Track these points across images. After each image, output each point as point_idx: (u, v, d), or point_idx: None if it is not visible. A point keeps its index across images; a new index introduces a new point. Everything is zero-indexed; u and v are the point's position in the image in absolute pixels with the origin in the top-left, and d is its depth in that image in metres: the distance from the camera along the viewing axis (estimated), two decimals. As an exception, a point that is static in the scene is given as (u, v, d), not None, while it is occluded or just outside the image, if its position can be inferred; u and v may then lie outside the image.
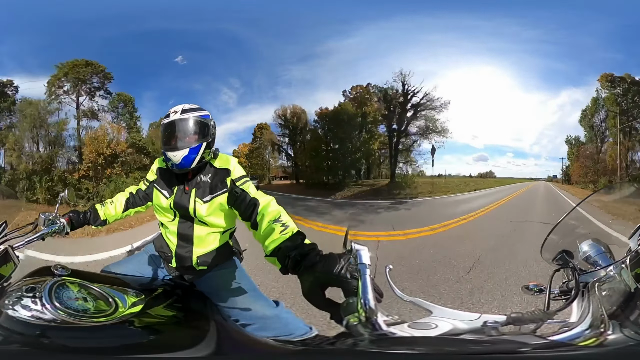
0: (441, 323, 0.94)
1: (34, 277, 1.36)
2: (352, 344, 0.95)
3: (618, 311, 1.05)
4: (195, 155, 1.67)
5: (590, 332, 0.95)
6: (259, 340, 1.53)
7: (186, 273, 1.81)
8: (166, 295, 1.60)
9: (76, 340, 1.20)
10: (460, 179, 14.09)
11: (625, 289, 1.08)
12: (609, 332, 0.95)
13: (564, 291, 1.24)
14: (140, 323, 1.34)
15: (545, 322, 0.95)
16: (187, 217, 1.73)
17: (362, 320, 0.91)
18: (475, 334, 0.90)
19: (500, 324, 0.91)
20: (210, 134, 1.73)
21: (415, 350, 0.87)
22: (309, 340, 1.62)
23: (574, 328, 0.97)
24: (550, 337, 0.93)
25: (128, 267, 1.80)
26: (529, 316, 0.96)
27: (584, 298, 1.14)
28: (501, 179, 14.16)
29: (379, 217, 9.92)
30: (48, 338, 1.18)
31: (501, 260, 5.05)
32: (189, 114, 1.71)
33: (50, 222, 1.70)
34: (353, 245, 1.05)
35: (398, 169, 13.20)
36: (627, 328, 0.97)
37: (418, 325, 0.94)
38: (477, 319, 0.93)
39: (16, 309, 1.19)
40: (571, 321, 1.01)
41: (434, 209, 11.09)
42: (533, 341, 0.90)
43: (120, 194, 2.00)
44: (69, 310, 1.22)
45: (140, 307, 1.37)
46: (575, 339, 0.93)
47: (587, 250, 1.31)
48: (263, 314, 1.64)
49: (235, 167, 1.72)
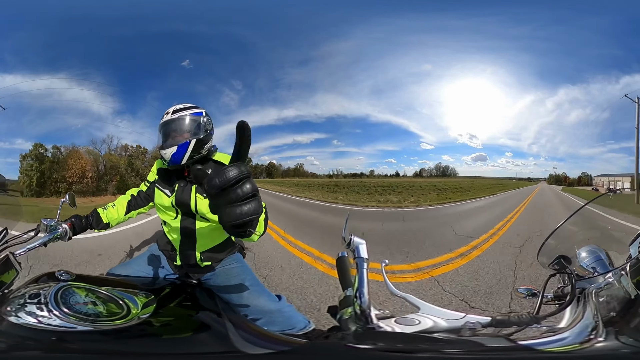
0: (424, 320, 0.94)
1: (37, 283, 1.35)
2: (342, 338, 0.96)
3: (616, 318, 1.03)
4: (184, 151, 1.69)
5: (579, 338, 0.93)
6: (272, 335, 1.53)
7: (191, 270, 1.83)
8: (175, 294, 1.61)
9: (95, 343, 1.19)
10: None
11: (624, 296, 1.06)
12: (600, 338, 0.93)
13: (557, 296, 1.22)
14: (158, 323, 1.34)
15: (530, 326, 0.93)
16: (189, 213, 1.75)
17: (358, 313, 0.93)
18: (451, 333, 0.90)
19: (481, 325, 0.90)
20: (202, 130, 1.75)
21: (389, 345, 0.88)
22: (309, 333, 1.64)
23: (560, 333, 0.95)
24: (528, 341, 0.92)
25: (133, 269, 1.82)
26: (515, 319, 0.95)
27: (579, 304, 1.11)
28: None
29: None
30: (59, 343, 1.16)
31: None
32: (179, 113, 1.76)
33: (52, 228, 1.68)
34: (352, 238, 1.05)
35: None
36: (624, 335, 0.95)
37: (403, 321, 0.95)
38: (460, 318, 0.93)
39: (20, 315, 1.17)
40: (559, 326, 0.99)
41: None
42: (504, 344, 0.89)
43: (122, 196, 2.03)
44: (79, 315, 1.20)
45: (152, 308, 1.36)
46: (558, 342, 0.91)
47: (586, 257, 1.29)
48: (269, 308, 1.67)
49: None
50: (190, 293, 1.68)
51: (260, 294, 1.73)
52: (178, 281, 1.80)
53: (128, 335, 1.24)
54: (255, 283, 1.78)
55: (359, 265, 1.00)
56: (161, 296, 1.49)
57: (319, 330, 1.69)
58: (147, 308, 1.35)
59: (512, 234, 7.02)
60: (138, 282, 1.65)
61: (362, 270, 0.98)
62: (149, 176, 1.97)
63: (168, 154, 1.70)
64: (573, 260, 1.28)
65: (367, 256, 1.02)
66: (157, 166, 1.93)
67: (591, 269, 1.25)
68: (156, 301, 1.41)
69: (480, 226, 7.99)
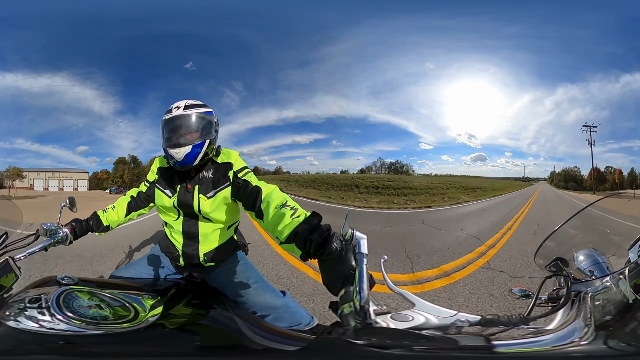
0: (417, 316, 0.96)
1: (38, 287, 1.34)
2: (343, 333, 0.97)
3: (611, 322, 1.03)
4: (198, 152, 1.63)
5: (560, 340, 0.93)
6: (282, 331, 1.52)
7: (194, 270, 1.81)
8: (182, 295, 1.59)
9: (105, 346, 1.17)
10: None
11: (622, 300, 1.06)
12: (584, 341, 0.94)
13: (552, 298, 1.22)
14: (171, 325, 1.33)
15: (518, 327, 0.94)
16: (192, 214, 1.71)
17: (357, 309, 0.94)
18: (438, 331, 0.92)
19: (469, 323, 0.91)
20: (213, 130, 1.70)
21: (382, 341, 0.90)
22: (314, 329, 1.64)
23: (544, 335, 0.95)
24: (506, 341, 0.92)
25: (136, 270, 1.80)
26: (504, 319, 0.95)
27: (573, 307, 1.11)
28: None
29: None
30: (70, 346, 1.15)
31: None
32: (192, 109, 1.67)
33: (53, 232, 1.66)
34: (354, 233, 1.05)
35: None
36: (615, 339, 0.95)
37: (398, 317, 0.96)
38: (451, 316, 0.94)
39: (19, 319, 1.15)
40: (547, 328, 0.99)
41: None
42: (481, 342, 0.90)
43: (122, 198, 1.97)
44: (85, 319, 1.19)
45: (160, 309, 1.35)
46: (534, 344, 0.92)
47: (583, 260, 1.28)
48: (274, 304, 1.65)
49: (237, 160, 1.71)
50: (196, 292, 1.67)
51: (265, 290, 1.70)
52: (183, 281, 1.79)
53: (139, 337, 1.22)
54: (260, 280, 1.76)
55: (359, 261, 0.99)
56: (167, 297, 1.48)
57: (322, 326, 1.69)
58: (154, 310, 1.33)
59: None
60: (142, 284, 1.63)
61: (362, 265, 0.98)
62: (149, 176, 1.89)
63: (181, 153, 1.61)
64: (570, 263, 1.28)
65: (367, 252, 1.01)
66: (157, 165, 1.85)
67: (588, 272, 1.25)
68: (163, 302, 1.40)
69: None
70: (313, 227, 1.10)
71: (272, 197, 1.40)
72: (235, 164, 1.69)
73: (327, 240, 1.03)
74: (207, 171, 1.71)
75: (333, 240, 1.02)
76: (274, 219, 1.28)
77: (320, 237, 1.04)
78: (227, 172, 1.68)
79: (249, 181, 1.62)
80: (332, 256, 1.02)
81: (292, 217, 1.20)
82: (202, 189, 1.68)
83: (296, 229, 1.15)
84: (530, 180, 14.62)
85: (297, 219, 1.18)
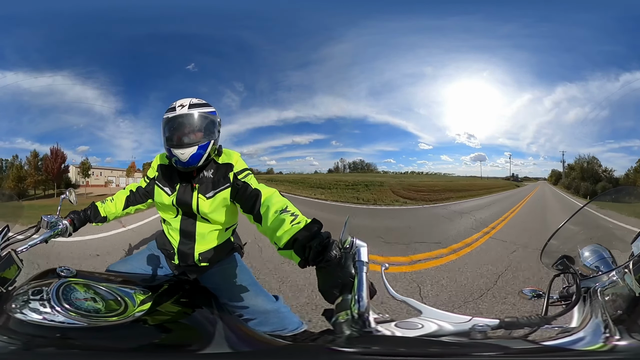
0: (428, 324, 0.92)
1: (39, 279, 1.36)
2: (332, 341, 0.94)
3: (624, 316, 1.02)
4: (203, 154, 1.61)
5: (594, 337, 0.92)
6: (258, 335, 1.53)
7: (189, 270, 1.80)
8: (172, 292, 1.60)
9: (93, 340, 1.20)
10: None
11: (629, 294, 1.06)
12: (616, 337, 0.92)
13: (563, 296, 1.21)
14: (153, 321, 1.35)
15: (541, 327, 0.92)
16: (190, 213, 1.70)
17: (354, 317, 0.90)
18: (459, 337, 0.88)
19: (490, 327, 0.89)
20: (216, 130, 1.68)
21: (388, 349, 0.86)
22: (298, 335, 1.62)
23: (575, 333, 0.93)
24: (545, 342, 0.90)
25: (132, 265, 1.79)
26: (524, 321, 0.93)
27: (586, 303, 1.11)
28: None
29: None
30: (63, 339, 1.18)
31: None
32: (197, 109, 1.64)
33: (53, 225, 1.68)
34: (354, 240, 1.02)
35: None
36: (635, 332, 0.94)
37: (404, 325, 0.92)
38: (467, 321, 0.91)
39: (25, 312, 1.19)
40: (571, 326, 0.98)
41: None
42: (522, 346, 0.88)
43: (121, 191, 1.97)
44: (80, 311, 1.21)
45: (149, 305, 1.37)
46: (576, 343, 0.90)
47: (589, 256, 1.29)
48: (264, 308, 1.64)
49: (238, 161, 1.70)
50: (186, 291, 1.67)
51: (258, 294, 1.68)
52: (175, 279, 1.79)
53: (123, 332, 1.25)
54: (253, 283, 1.74)
55: (359, 269, 0.97)
56: (158, 293, 1.50)
57: (309, 332, 1.67)
58: (143, 305, 1.36)
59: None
60: (137, 279, 1.64)
61: (361, 273, 0.96)
62: (149, 172, 1.89)
63: (187, 154, 1.58)
64: (576, 260, 1.28)
65: (367, 260, 0.99)
66: (157, 162, 1.84)
67: (595, 268, 1.24)
68: (153, 298, 1.42)
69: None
70: (313, 234, 1.09)
71: (271, 201, 1.38)
72: (236, 165, 1.68)
73: (327, 247, 1.02)
74: (208, 171, 1.69)
75: (332, 248, 1.01)
76: (274, 224, 1.25)
77: (320, 245, 1.04)
78: (228, 173, 1.66)
79: (248, 183, 1.60)
80: (330, 263, 1.00)
81: (292, 224, 1.18)
82: (201, 189, 1.67)
83: (295, 235, 1.13)
84: (521, 180, 14.82)
85: (297, 226, 1.16)
